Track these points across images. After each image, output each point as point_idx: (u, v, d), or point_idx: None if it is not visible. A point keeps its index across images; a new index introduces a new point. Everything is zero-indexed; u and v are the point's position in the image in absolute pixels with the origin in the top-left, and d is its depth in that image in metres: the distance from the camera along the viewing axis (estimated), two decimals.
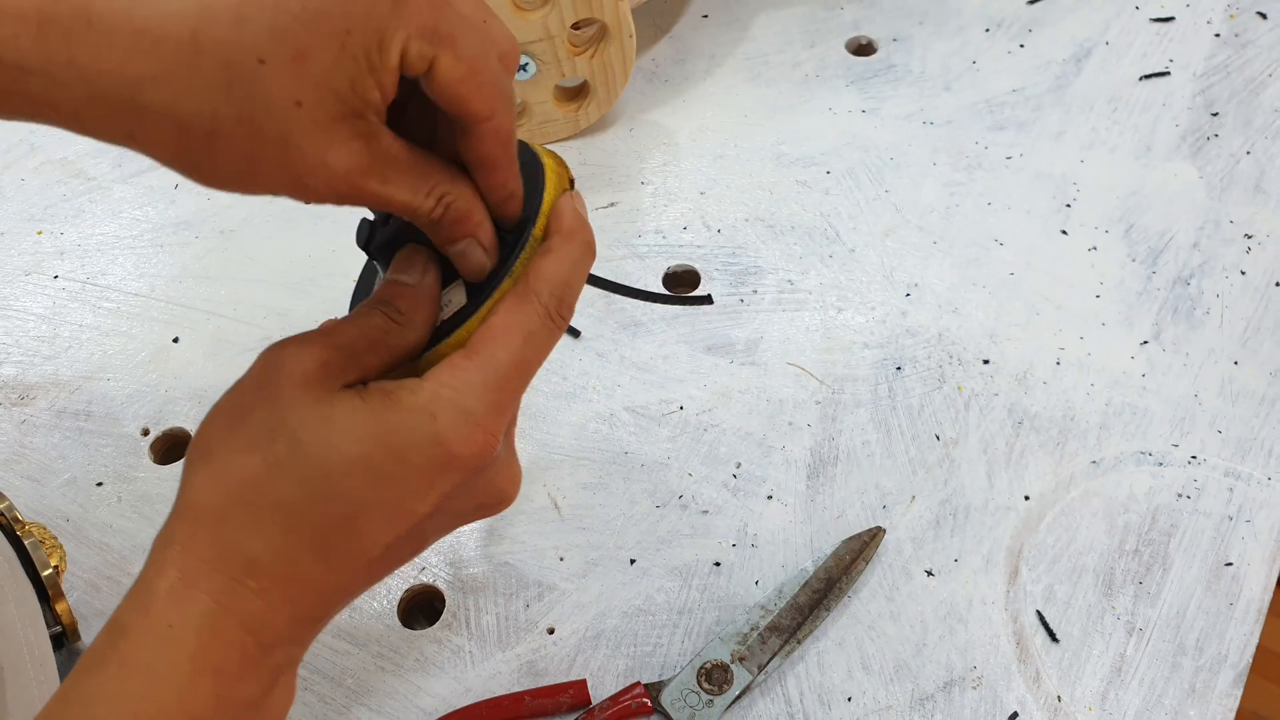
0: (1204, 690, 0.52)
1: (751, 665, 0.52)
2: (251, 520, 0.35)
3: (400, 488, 0.36)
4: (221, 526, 0.35)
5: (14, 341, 0.66)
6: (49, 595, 0.48)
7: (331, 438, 0.36)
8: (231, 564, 0.35)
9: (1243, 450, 0.60)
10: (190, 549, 0.35)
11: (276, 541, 0.36)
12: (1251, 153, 0.73)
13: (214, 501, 0.35)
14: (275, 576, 0.36)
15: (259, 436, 0.36)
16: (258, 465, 0.36)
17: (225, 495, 0.36)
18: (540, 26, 0.67)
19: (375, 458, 0.36)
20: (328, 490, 0.36)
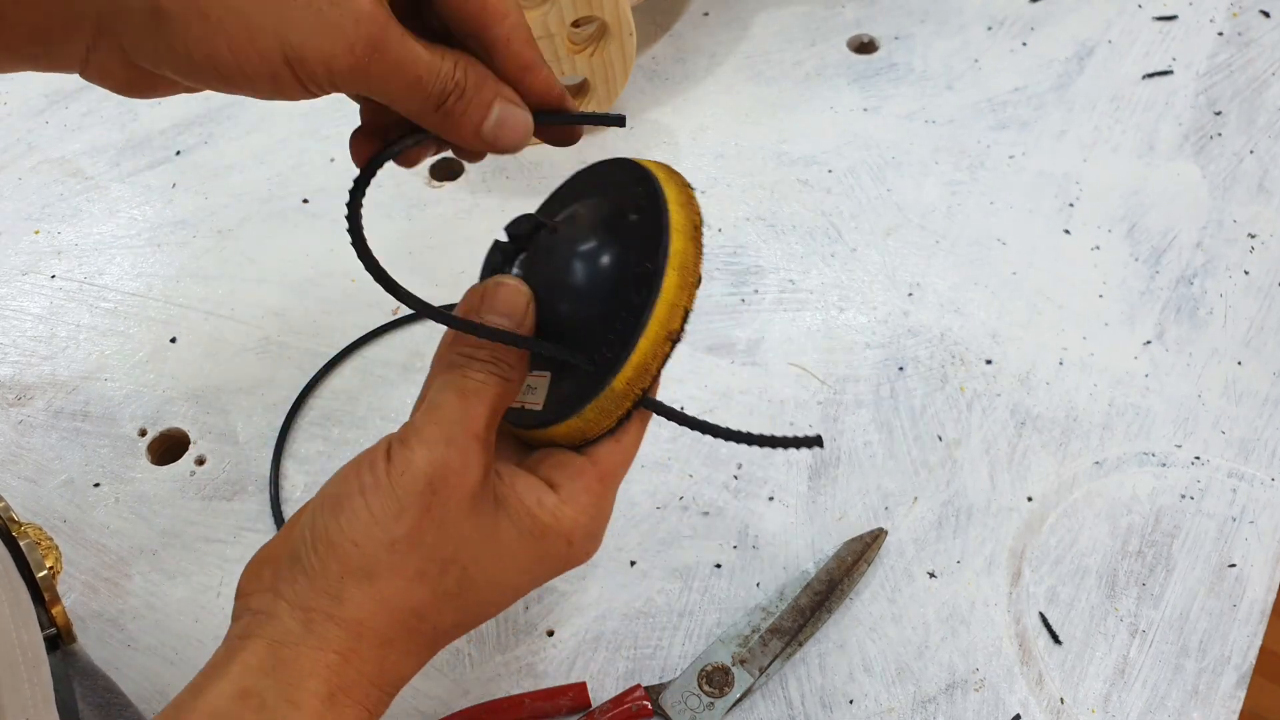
0: (1207, 692, 0.52)
1: (753, 667, 0.52)
2: (414, 646, 0.38)
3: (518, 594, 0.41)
4: (386, 649, 0.37)
5: (11, 341, 0.65)
6: (44, 597, 0.48)
7: (496, 577, 0.39)
8: (387, 681, 0.38)
9: (1246, 451, 0.60)
10: (351, 664, 0.36)
11: (425, 656, 0.39)
12: (1255, 152, 0.72)
13: (381, 625, 0.37)
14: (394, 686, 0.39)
15: (431, 566, 0.37)
16: (429, 597, 0.37)
17: (393, 622, 0.37)
18: (540, 24, 0.67)
19: (525, 580, 0.40)
20: (481, 609, 0.40)
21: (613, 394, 0.38)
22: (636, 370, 0.38)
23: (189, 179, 0.73)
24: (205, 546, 0.57)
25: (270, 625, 0.36)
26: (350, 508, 0.36)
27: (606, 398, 0.39)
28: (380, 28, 0.34)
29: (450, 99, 0.37)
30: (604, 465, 0.40)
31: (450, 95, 0.37)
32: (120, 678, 0.53)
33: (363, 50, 0.34)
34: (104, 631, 0.55)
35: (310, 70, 0.34)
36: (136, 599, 0.56)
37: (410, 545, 0.36)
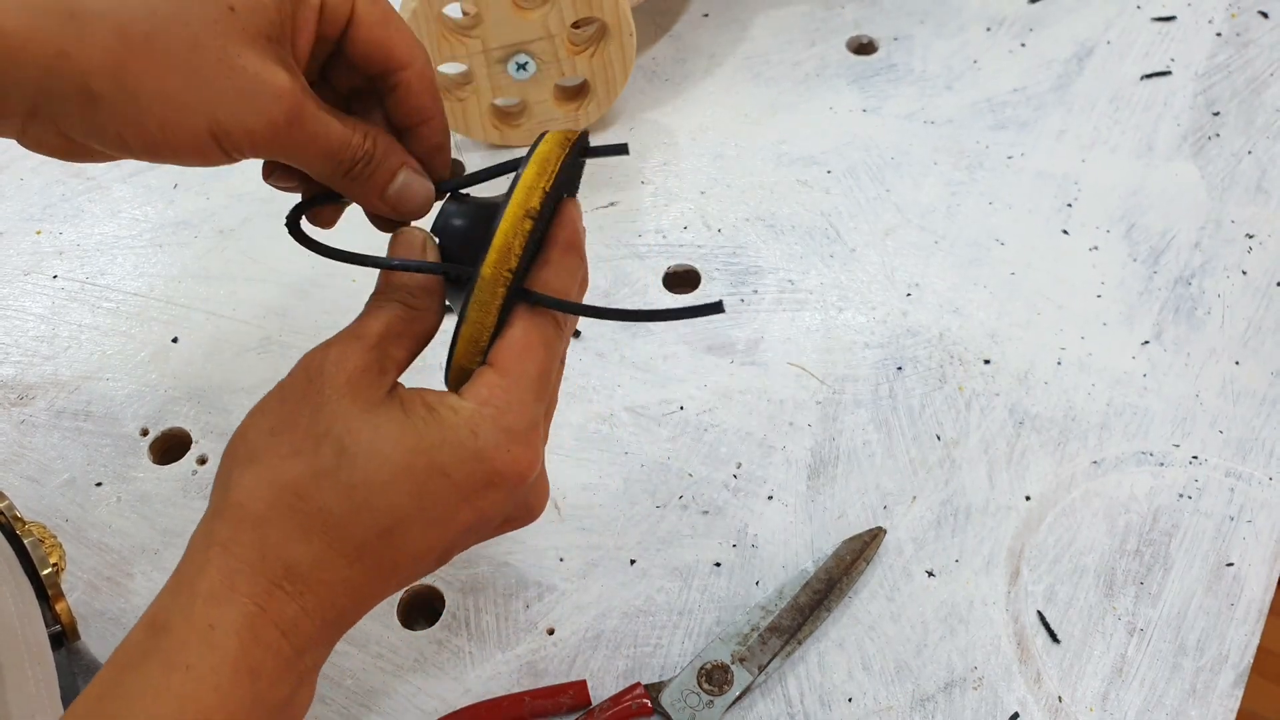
0: (1205, 691, 0.52)
1: (752, 666, 0.52)
2: (295, 526, 0.36)
3: (441, 503, 0.37)
4: (265, 530, 0.36)
5: (13, 341, 0.65)
6: (48, 594, 0.48)
7: (377, 449, 0.37)
8: (272, 568, 0.36)
9: (1244, 450, 0.60)
10: (232, 550, 0.36)
11: (317, 548, 0.36)
12: (1253, 152, 0.73)
13: (259, 505, 0.36)
14: (312, 582, 0.36)
15: (305, 442, 0.36)
16: (304, 471, 0.36)
17: (270, 499, 0.36)
18: (540, 25, 0.67)
19: (419, 472, 0.37)
20: (370, 501, 0.37)
21: (483, 282, 0.39)
22: (499, 252, 0.39)
23: (190, 179, 0.73)
24: None
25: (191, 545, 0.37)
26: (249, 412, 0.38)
27: (480, 289, 0.39)
28: (298, 103, 0.37)
29: (358, 166, 0.40)
30: (499, 361, 0.39)
31: (359, 163, 0.40)
32: None
33: (283, 123, 0.37)
34: (106, 630, 0.55)
35: (235, 142, 0.37)
36: (138, 598, 0.56)
37: (286, 426, 0.37)
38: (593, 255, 0.68)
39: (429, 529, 0.38)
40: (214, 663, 0.34)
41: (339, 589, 0.37)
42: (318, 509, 0.36)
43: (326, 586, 0.37)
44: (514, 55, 0.68)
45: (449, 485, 0.37)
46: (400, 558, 0.38)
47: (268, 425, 0.37)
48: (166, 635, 0.34)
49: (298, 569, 0.36)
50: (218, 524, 0.36)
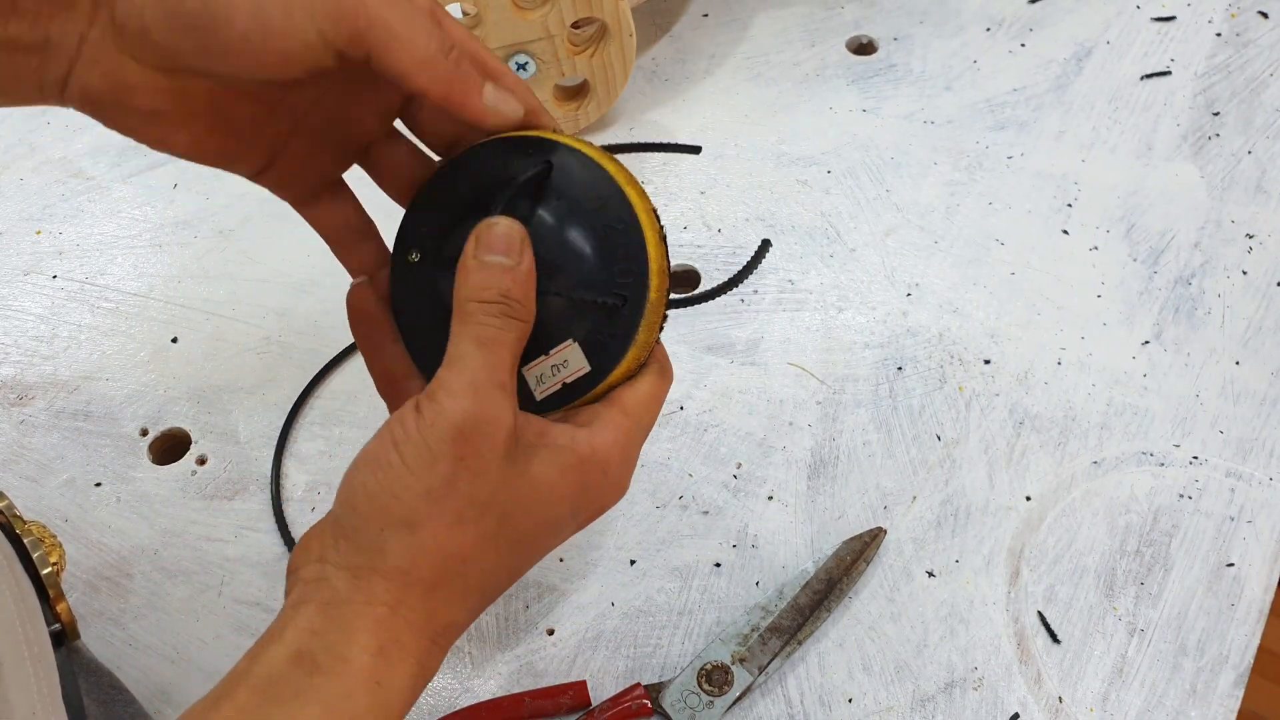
0: (1205, 691, 0.52)
1: (752, 666, 0.52)
2: (458, 591, 0.38)
3: (560, 537, 0.41)
4: (433, 597, 0.37)
5: (13, 341, 0.65)
6: (49, 594, 0.48)
7: (535, 509, 0.39)
8: (436, 628, 0.38)
9: (1244, 450, 0.60)
10: (400, 613, 0.36)
11: (473, 604, 0.39)
12: (1253, 152, 0.73)
13: (425, 573, 0.37)
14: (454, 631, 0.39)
15: (469, 511, 0.37)
16: (471, 540, 0.37)
17: (437, 567, 0.37)
18: (540, 25, 0.67)
19: (565, 516, 0.40)
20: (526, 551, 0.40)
21: (652, 304, 0.40)
22: (659, 275, 0.40)
23: (190, 179, 0.73)
24: (206, 546, 0.57)
25: (321, 590, 0.36)
26: (385, 462, 0.37)
27: (650, 310, 0.40)
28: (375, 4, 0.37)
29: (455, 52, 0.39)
30: (626, 403, 0.41)
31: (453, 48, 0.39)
32: (122, 676, 0.53)
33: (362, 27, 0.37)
34: (105, 630, 0.55)
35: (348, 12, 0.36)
36: (138, 598, 0.56)
37: (447, 491, 0.36)
38: None
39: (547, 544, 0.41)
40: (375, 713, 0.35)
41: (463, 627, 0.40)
42: (480, 574, 0.38)
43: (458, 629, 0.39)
44: (514, 55, 0.68)
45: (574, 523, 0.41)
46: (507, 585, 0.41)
47: (422, 488, 0.36)
48: (325, 677, 0.35)
49: (454, 626, 0.38)
50: (378, 584, 0.36)
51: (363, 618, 0.36)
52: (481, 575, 0.38)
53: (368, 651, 0.35)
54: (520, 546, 0.39)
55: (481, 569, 0.38)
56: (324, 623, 0.36)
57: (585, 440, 0.39)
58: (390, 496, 0.36)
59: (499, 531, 0.38)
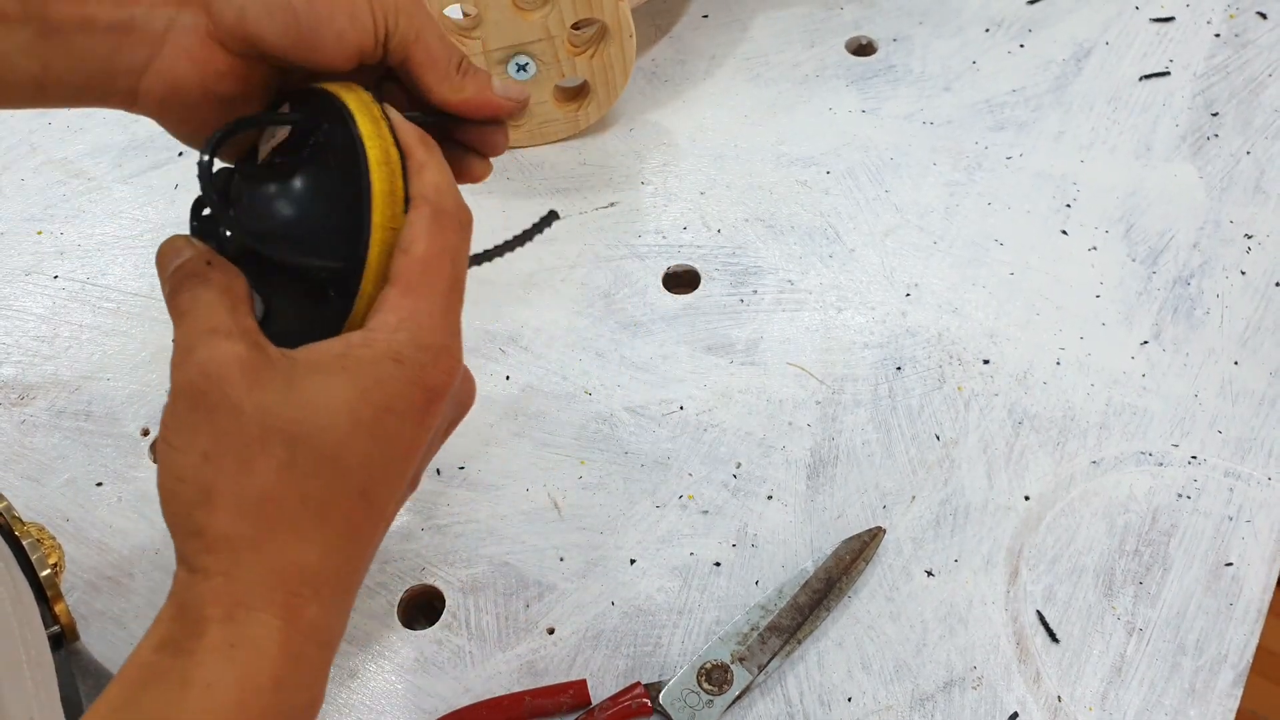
0: (1204, 690, 0.52)
1: (751, 665, 0.52)
2: (287, 531, 0.35)
3: (398, 438, 0.37)
4: (262, 548, 0.35)
5: (14, 341, 0.66)
6: (47, 595, 0.48)
7: (320, 419, 0.35)
8: (287, 579, 0.35)
9: (1243, 450, 0.60)
10: (236, 576, 0.35)
11: (316, 541, 0.36)
12: (1251, 153, 0.73)
13: (244, 529, 0.35)
14: (325, 573, 0.36)
15: (250, 450, 0.35)
16: (266, 477, 0.35)
17: (251, 519, 0.35)
18: (540, 26, 0.67)
19: (368, 421, 0.36)
20: (340, 471, 0.36)
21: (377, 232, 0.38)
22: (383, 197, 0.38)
23: (191, 180, 0.73)
24: None
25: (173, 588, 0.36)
26: (162, 455, 0.36)
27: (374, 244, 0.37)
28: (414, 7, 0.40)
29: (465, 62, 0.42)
30: (404, 280, 0.37)
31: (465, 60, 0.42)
32: None
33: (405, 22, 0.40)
34: (107, 630, 0.55)
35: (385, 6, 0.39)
36: (139, 598, 0.56)
37: (219, 448, 0.35)
38: (593, 255, 0.68)
39: (396, 466, 0.37)
40: (236, 677, 0.34)
41: (347, 564, 0.37)
42: (299, 504, 0.35)
43: (335, 571, 0.36)
44: (514, 56, 0.68)
45: (398, 419, 0.37)
46: (382, 505, 0.38)
47: (197, 457, 0.35)
48: (181, 656, 0.34)
49: (309, 569, 0.36)
50: (207, 559, 0.35)
51: (204, 593, 0.35)
52: (302, 506, 0.36)
53: (215, 620, 0.34)
54: (333, 465, 0.36)
55: (296, 500, 0.35)
56: (177, 609, 0.35)
57: (358, 341, 0.36)
58: (177, 481, 0.36)
59: (294, 458, 0.35)
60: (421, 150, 0.39)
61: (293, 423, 0.35)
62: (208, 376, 0.35)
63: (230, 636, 0.34)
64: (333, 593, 0.36)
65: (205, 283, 0.37)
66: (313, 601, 0.36)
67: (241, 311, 0.37)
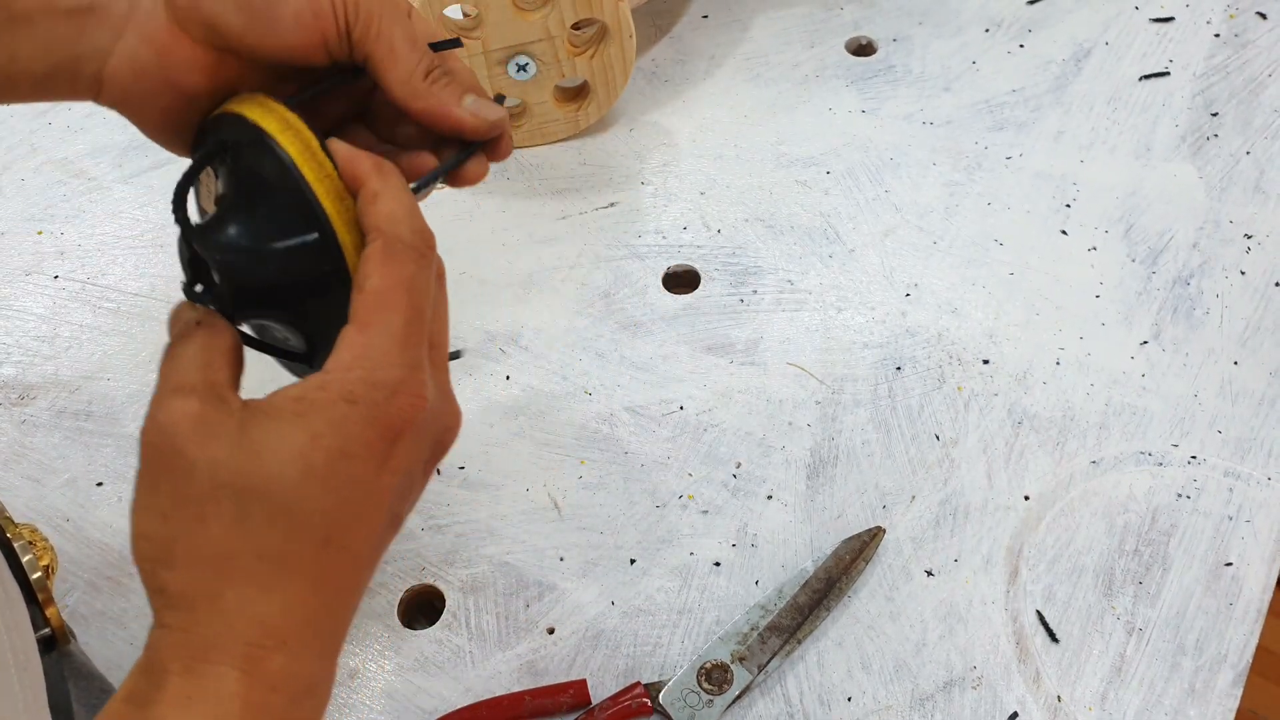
0: (1204, 690, 0.52)
1: (751, 665, 0.52)
2: (245, 584, 0.35)
3: (358, 483, 0.36)
4: (217, 602, 0.35)
5: (14, 341, 0.66)
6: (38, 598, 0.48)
7: (270, 470, 0.35)
8: (244, 631, 0.35)
9: (1242, 450, 0.60)
10: (193, 632, 0.35)
11: (277, 594, 0.35)
12: (1251, 153, 0.73)
13: (199, 585, 0.35)
14: (290, 624, 0.35)
15: (203, 508, 0.35)
16: (220, 531, 0.35)
17: (208, 574, 0.35)
18: (540, 27, 0.67)
19: (320, 466, 0.35)
20: (294, 519, 0.35)
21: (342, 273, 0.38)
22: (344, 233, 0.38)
23: None
24: None
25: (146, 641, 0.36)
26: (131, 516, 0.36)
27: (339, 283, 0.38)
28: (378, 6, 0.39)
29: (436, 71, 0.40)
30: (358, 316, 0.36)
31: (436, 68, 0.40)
32: (123, 676, 0.53)
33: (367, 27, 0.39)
34: (106, 630, 0.55)
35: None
36: (139, 598, 0.56)
37: (174, 506, 0.35)
38: (593, 255, 0.68)
39: (362, 511, 0.36)
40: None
41: (316, 615, 0.36)
42: (255, 558, 0.35)
43: (304, 621, 0.36)
44: (514, 56, 0.69)
45: (356, 462, 0.35)
46: (355, 551, 0.37)
47: (158, 516, 0.35)
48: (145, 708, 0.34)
49: (270, 621, 0.35)
50: (168, 615, 0.35)
51: (167, 647, 0.35)
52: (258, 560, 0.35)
53: (175, 673, 0.34)
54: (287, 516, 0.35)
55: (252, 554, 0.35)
56: (144, 663, 0.36)
57: (313, 384, 0.36)
58: (141, 539, 0.36)
59: (245, 511, 0.35)
60: (375, 178, 0.38)
61: (240, 474, 0.35)
62: (163, 434, 0.36)
63: (188, 689, 0.34)
64: (303, 642, 0.36)
65: (186, 341, 0.38)
66: (278, 652, 0.35)
67: (215, 366, 0.37)
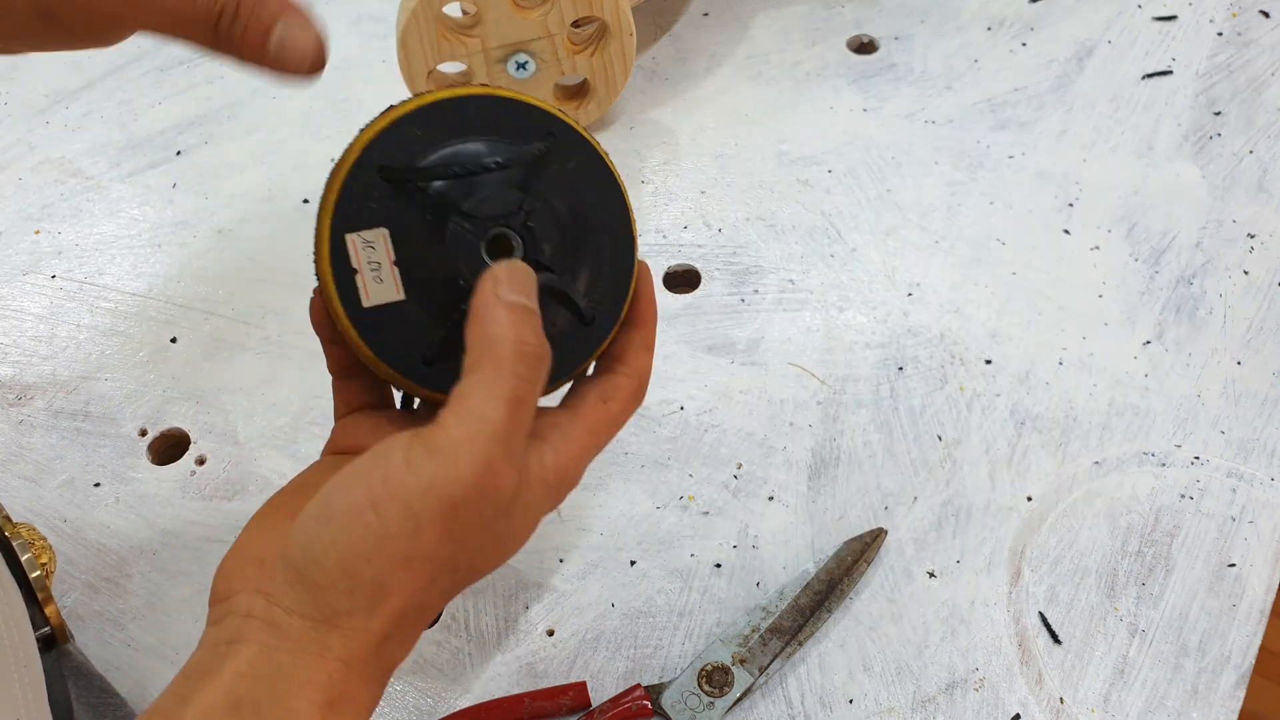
0: (1206, 692, 0.52)
1: (752, 667, 0.52)
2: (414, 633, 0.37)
3: None
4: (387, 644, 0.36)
5: (11, 341, 0.65)
6: (37, 597, 0.48)
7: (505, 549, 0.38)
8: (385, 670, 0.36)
9: (1246, 451, 0.60)
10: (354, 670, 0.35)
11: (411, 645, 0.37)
12: (1254, 152, 0.72)
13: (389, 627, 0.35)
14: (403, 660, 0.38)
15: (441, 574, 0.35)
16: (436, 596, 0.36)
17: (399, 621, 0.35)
18: (540, 25, 0.67)
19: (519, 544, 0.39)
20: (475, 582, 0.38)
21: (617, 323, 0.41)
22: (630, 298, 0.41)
23: (189, 179, 0.73)
24: (206, 546, 0.57)
25: (265, 631, 0.34)
26: (360, 523, 0.33)
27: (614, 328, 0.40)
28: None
29: (224, 20, 0.36)
30: (592, 420, 0.38)
31: (222, 18, 0.36)
32: (120, 677, 0.53)
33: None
34: (104, 631, 0.55)
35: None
36: (137, 599, 0.56)
37: (426, 560, 0.34)
38: None
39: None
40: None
41: None
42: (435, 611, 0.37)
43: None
44: (514, 54, 0.68)
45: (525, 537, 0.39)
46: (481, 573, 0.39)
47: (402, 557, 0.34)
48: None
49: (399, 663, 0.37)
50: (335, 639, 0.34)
51: (313, 670, 0.34)
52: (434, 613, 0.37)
53: (315, 705, 0.33)
54: (477, 577, 0.38)
55: (437, 608, 0.37)
56: (268, 668, 0.33)
57: (551, 464, 0.37)
58: (362, 560, 0.33)
59: (466, 579, 0.37)
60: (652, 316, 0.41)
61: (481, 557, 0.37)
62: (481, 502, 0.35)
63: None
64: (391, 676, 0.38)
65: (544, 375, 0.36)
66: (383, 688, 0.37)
67: None
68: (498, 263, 0.37)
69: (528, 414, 0.35)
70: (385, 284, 0.38)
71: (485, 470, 0.33)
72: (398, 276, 0.38)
